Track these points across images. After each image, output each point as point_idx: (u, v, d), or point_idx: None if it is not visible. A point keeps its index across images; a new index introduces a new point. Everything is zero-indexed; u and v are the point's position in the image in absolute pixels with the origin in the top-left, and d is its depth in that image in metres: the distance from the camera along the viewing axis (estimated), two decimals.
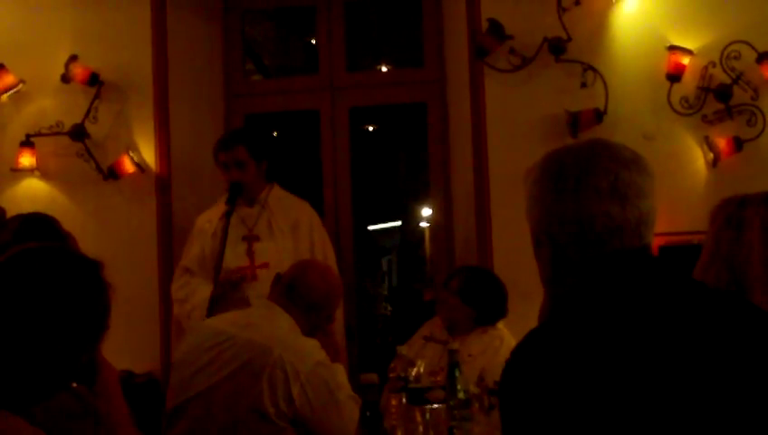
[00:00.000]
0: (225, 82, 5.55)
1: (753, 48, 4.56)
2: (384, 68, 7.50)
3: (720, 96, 4.57)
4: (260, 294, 4.16)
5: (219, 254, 4.11)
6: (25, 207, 3.41)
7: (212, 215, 4.50)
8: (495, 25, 4.68)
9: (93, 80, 4.92)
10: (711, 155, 4.58)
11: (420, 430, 3.20)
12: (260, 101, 5.65)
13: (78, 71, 4.93)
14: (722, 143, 4.58)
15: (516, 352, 1.56)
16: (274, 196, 4.54)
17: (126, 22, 5.03)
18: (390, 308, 9.59)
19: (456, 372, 3.19)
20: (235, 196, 4.28)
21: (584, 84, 4.69)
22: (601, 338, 1.49)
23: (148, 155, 4.99)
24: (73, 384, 1.93)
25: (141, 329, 4.76)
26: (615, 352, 1.46)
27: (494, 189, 4.75)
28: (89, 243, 2.89)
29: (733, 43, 4.57)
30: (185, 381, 3.04)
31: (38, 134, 4.96)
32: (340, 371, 3.25)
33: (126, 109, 5.02)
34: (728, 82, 4.57)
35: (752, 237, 2.48)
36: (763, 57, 4.54)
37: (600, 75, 4.69)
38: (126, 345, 3.84)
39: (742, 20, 4.63)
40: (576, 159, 1.65)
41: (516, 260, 4.01)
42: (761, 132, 4.59)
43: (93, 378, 1.98)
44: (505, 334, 4.04)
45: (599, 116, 4.60)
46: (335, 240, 5.15)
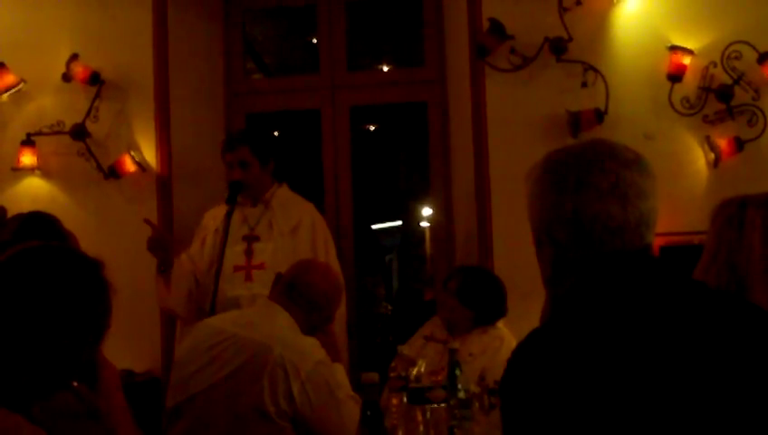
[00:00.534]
0: (226, 81, 5.55)
1: (755, 48, 4.56)
2: (385, 67, 7.51)
3: (721, 96, 4.57)
4: (253, 295, 4.18)
5: (220, 252, 4.10)
6: (26, 207, 3.41)
7: (218, 212, 4.49)
8: (496, 25, 4.68)
9: (94, 79, 4.93)
10: (712, 155, 4.58)
11: (421, 429, 3.20)
12: (261, 100, 5.65)
13: (79, 70, 4.93)
14: (723, 143, 4.58)
15: (517, 352, 1.57)
16: (279, 196, 4.52)
17: (127, 21, 5.03)
18: (390, 307, 9.58)
19: (457, 372, 3.19)
20: (234, 195, 4.27)
21: (585, 84, 4.69)
22: (602, 338, 1.49)
23: (149, 154, 5.00)
24: (74, 383, 1.93)
25: (142, 328, 4.76)
26: (616, 353, 1.46)
27: (494, 189, 4.75)
28: (89, 242, 2.89)
29: (734, 43, 4.57)
30: (185, 380, 3.04)
31: (39, 133, 4.97)
32: (340, 370, 3.25)
33: (127, 108, 5.02)
34: (729, 82, 4.57)
35: (752, 238, 2.48)
36: (764, 57, 4.53)
37: (601, 75, 4.68)
38: (126, 344, 3.85)
39: (743, 20, 4.62)
40: (577, 160, 1.65)
41: (517, 260, 4.03)
42: (762, 133, 4.58)
43: (94, 377, 1.98)
44: (506, 334, 4.04)
45: (599, 116, 4.60)
46: (336, 239, 5.15)
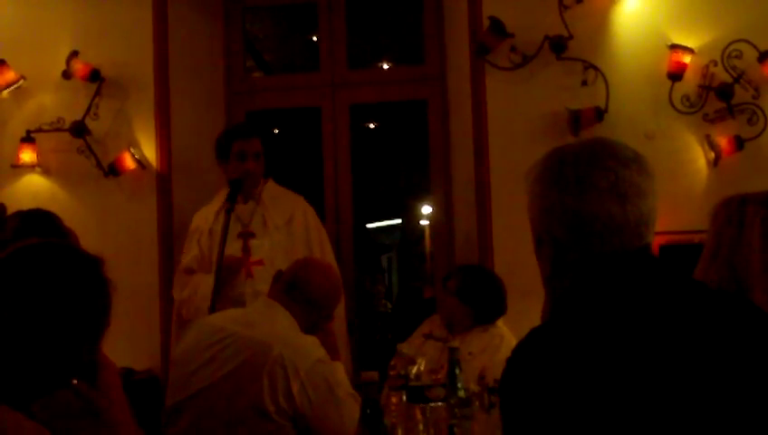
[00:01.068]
0: (226, 78, 5.54)
1: (755, 47, 4.56)
2: (385, 65, 7.51)
3: (721, 95, 4.57)
4: (255, 291, 4.17)
5: (219, 251, 4.08)
6: (26, 204, 3.41)
7: (208, 212, 4.48)
8: (496, 23, 4.68)
9: (94, 76, 4.93)
10: (712, 154, 4.58)
11: (420, 428, 3.20)
12: (261, 98, 5.64)
13: (79, 67, 4.93)
14: (723, 142, 4.59)
15: (517, 350, 1.57)
16: (268, 191, 4.50)
17: (127, 18, 5.03)
18: (390, 305, 9.60)
19: (457, 370, 3.19)
20: (236, 193, 4.25)
21: (585, 82, 4.69)
22: (602, 338, 1.49)
23: (149, 152, 5.00)
24: (74, 381, 1.92)
25: (142, 326, 4.76)
26: (616, 352, 1.46)
27: (494, 187, 4.76)
28: (89, 239, 2.89)
29: (734, 41, 4.57)
30: (185, 379, 3.04)
31: (39, 130, 4.97)
32: (339, 368, 3.25)
33: (127, 105, 5.03)
34: (729, 80, 4.57)
35: (752, 237, 2.48)
36: (764, 56, 4.54)
37: (602, 73, 4.69)
38: (126, 342, 3.85)
39: (743, 19, 4.63)
40: (577, 158, 1.65)
41: (517, 258, 4.03)
42: (762, 131, 4.59)
43: (94, 375, 1.98)
44: (505, 333, 4.04)
45: (599, 114, 4.60)
46: (335, 238, 5.15)
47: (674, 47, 4.60)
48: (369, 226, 12.75)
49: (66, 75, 4.95)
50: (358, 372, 3.53)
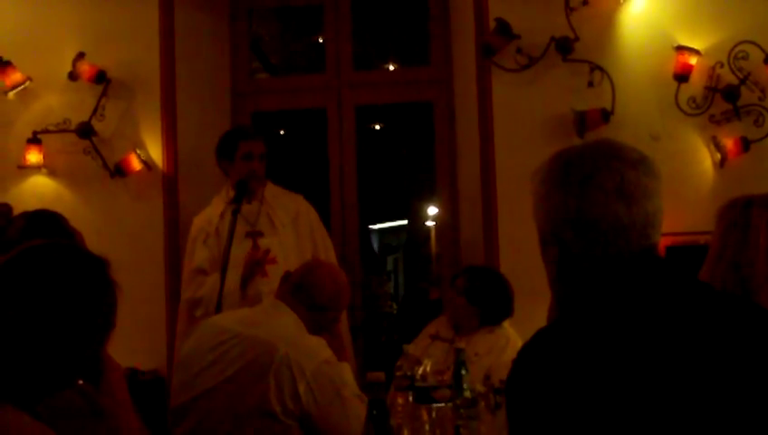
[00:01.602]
0: (232, 80, 5.55)
1: (761, 48, 4.56)
2: (391, 66, 7.51)
3: (727, 96, 4.56)
4: (272, 290, 4.16)
5: (226, 252, 4.08)
6: (32, 205, 3.41)
7: (210, 214, 4.47)
8: (503, 25, 4.68)
9: (100, 77, 4.94)
10: (718, 155, 4.58)
11: (426, 428, 3.20)
12: (266, 99, 5.65)
13: (85, 68, 4.94)
14: (729, 143, 4.58)
15: (523, 351, 1.56)
16: (270, 191, 4.52)
17: (133, 20, 5.04)
18: (396, 307, 9.59)
19: (463, 371, 3.19)
20: (243, 194, 4.25)
21: (591, 84, 4.69)
22: (608, 339, 1.49)
23: (155, 153, 5.00)
24: (79, 382, 1.93)
25: (147, 326, 4.77)
26: (621, 354, 1.46)
27: (500, 188, 4.75)
28: (95, 240, 2.89)
29: (740, 43, 4.57)
30: (190, 379, 3.04)
31: (45, 131, 4.98)
32: (346, 369, 3.24)
33: (133, 106, 5.03)
34: (736, 82, 4.57)
35: (758, 239, 2.48)
36: None
37: (608, 75, 4.68)
38: (132, 343, 3.85)
39: (749, 20, 4.62)
40: (583, 160, 1.65)
41: (523, 259, 4.02)
42: None
43: (99, 375, 1.98)
44: (511, 334, 4.04)
45: (605, 116, 4.60)
46: (341, 239, 5.16)
47: (680, 48, 4.59)
48: (375, 227, 12.74)
49: (72, 76, 4.96)
50: (364, 373, 3.53)
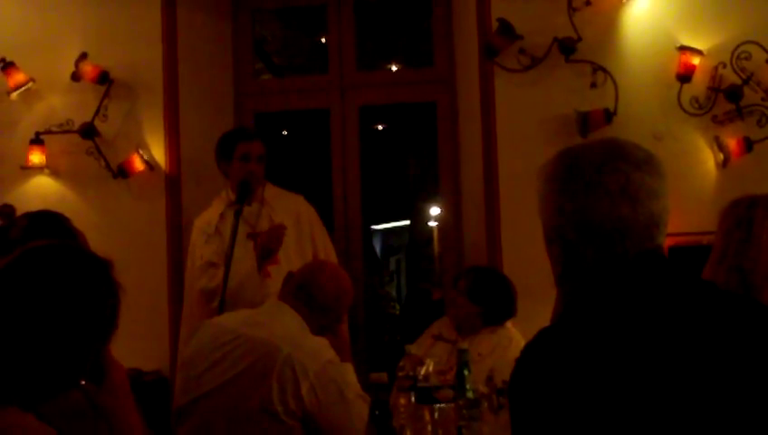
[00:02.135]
0: (235, 80, 5.56)
1: (764, 49, 4.55)
2: (394, 67, 7.51)
3: (730, 96, 4.56)
4: (276, 291, 4.16)
5: (228, 253, 4.07)
6: (35, 205, 3.42)
7: (210, 216, 4.46)
8: (505, 25, 4.68)
9: (103, 78, 4.94)
10: (721, 155, 4.57)
11: (429, 429, 3.20)
12: (269, 99, 5.65)
13: (88, 69, 4.95)
14: (732, 144, 4.57)
15: (526, 351, 1.56)
16: (270, 193, 4.52)
17: (136, 20, 5.05)
18: (398, 307, 9.59)
19: (465, 372, 3.19)
20: (245, 195, 4.25)
21: (594, 84, 4.69)
22: (612, 339, 1.49)
23: (158, 153, 5.01)
24: (82, 382, 1.93)
25: (150, 327, 4.77)
26: (625, 353, 1.46)
27: (503, 189, 4.75)
28: (98, 241, 2.89)
29: (743, 43, 4.56)
30: (193, 380, 3.04)
31: (48, 132, 4.98)
32: (349, 370, 3.24)
33: (136, 107, 5.04)
34: (739, 82, 4.56)
35: (760, 238, 2.48)
36: None
37: (610, 75, 4.68)
38: (135, 343, 3.83)
39: (752, 21, 4.62)
40: (588, 159, 1.64)
41: (526, 259, 4.03)
42: None
43: (102, 376, 1.98)
44: (514, 334, 4.04)
45: (608, 116, 4.60)
46: (344, 239, 5.16)
47: (683, 49, 4.59)
48: (378, 227, 12.75)
49: (75, 77, 4.96)
50: (367, 374, 3.53)
